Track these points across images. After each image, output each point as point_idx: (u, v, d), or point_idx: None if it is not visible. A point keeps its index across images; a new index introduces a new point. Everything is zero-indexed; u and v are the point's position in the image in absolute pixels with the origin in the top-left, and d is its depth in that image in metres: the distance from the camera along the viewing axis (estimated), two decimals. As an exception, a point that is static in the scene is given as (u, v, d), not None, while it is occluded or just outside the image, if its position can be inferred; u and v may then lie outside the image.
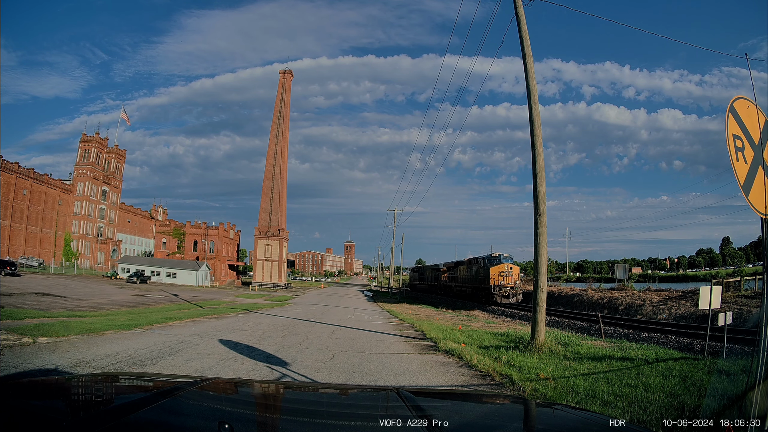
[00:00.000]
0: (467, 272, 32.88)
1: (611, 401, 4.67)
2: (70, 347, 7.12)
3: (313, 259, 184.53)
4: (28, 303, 14.41)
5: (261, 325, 13.08)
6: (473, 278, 31.08)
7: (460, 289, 34.74)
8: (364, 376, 6.54)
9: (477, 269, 30.45)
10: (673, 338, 11.36)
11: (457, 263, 37.01)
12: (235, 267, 67.95)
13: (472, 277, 31.25)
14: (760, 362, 2.73)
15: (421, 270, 57.01)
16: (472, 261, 32.19)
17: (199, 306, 19.74)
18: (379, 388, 3.34)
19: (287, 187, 68.94)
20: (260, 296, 34.69)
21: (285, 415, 1.60)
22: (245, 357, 7.39)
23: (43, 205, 54.79)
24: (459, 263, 36.29)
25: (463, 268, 34.24)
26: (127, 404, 1.39)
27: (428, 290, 47.08)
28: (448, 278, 38.66)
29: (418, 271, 58.61)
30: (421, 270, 57.01)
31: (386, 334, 12.32)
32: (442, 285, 40.35)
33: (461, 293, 34.16)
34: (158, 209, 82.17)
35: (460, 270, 34.96)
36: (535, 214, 9.35)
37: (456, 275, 36.11)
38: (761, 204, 3.16)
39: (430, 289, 46.58)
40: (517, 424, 1.66)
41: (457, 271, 35.88)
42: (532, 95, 9.70)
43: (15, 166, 51.02)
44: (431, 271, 47.71)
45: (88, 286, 30.33)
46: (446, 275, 39.52)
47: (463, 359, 7.78)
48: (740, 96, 3.31)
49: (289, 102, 70.73)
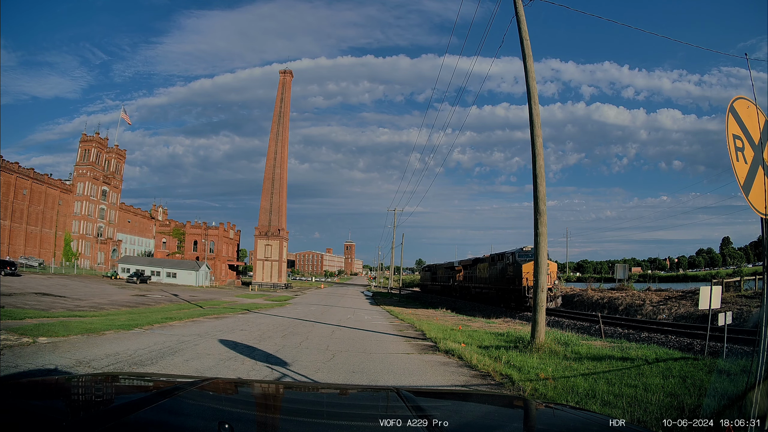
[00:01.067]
0: (489, 270, 28.28)
1: (611, 401, 4.67)
2: (70, 347, 7.12)
3: (313, 259, 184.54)
4: (28, 303, 14.41)
5: (261, 325, 13.08)
6: (498, 278, 26.32)
7: (479, 291, 30.35)
8: (364, 376, 6.54)
9: (503, 267, 25.55)
10: (673, 338, 11.37)
11: (475, 260, 32.17)
12: (235, 267, 67.94)
13: (497, 276, 26.54)
14: (760, 362, 2.73)
15: (433, 269, 50.96)
16: (497, 257, 27.28)
17: (199, 306, 19.74)
18: (379, 388, 3.34)
19: (287, 187, 69.03)
20: (260, 296, 34.69)
21: (285, 415, 1.60)
22: (245, 357, 7.39)
23: (43, 205, 54.79)
24: (478, 260, 31.44)
25: (484, 266, 29.54)
26: (127, 404, 1.39)
27: (441, 291, 42.97)
28: (465, 278, 34.37)
29: (430, 271, 52.65)
30: (433, 269, 50.96)
31: (386, 334, 12.32)
32: (457, 286, 36.56)
33: (481, 296, 29.73)
34: (158, 209, 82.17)
35: (480, 268, 30.26)
36: (535, 214, 9.35)
37: (474, 274, 31.52)
38: (761, 204, 3.16)
39: (443, 291, 42.25)
40: (517, 424, 1.66)
41: (476, 269, 31.18)
42: (532, 95, 9.69)
43: (15, 166, 51.03)
44: (444, 270, 42.65)
45: (88, 286, 30.33)
46: (462, 274, 35.36)
47: (463, 359, 7.79)
48: (740, 96, 3.31)
49: (289, 102, 70.78)
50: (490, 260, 28.73)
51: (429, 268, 55.33)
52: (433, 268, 50.84)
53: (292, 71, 72.33)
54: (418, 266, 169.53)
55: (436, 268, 48.94)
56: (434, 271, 49.20)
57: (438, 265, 48.40)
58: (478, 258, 32.15)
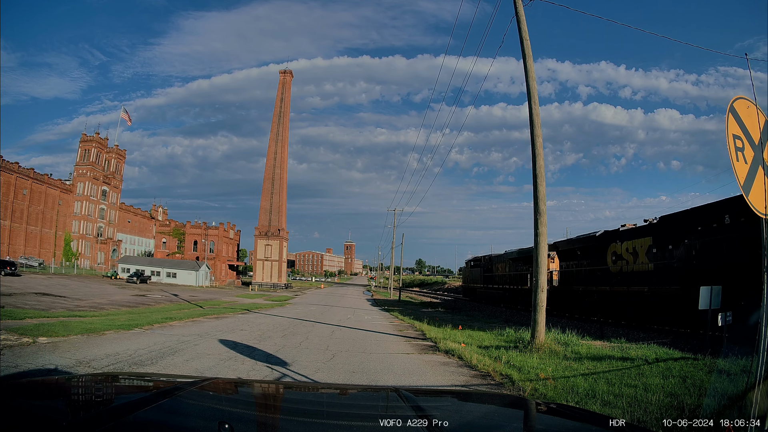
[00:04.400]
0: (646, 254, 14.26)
1: (611, 401, 4.67)
2: (70, 347, 7.11)
3: (313, 259, 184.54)
4: (28, 303, 14.41)
5: (261, 325, 13.08)
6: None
7: (628, 300, 15.04)
8: (364, 376, 6.54)
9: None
10: (673, 338, 11.36)
11: (590, 238, 18.05)
12: (235, 267, 67.94)
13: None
14: (760, 362, 2.73)
15: (487, 263, 31.06)
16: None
17: (199, 306, 19.74)
18: (379, 388, 3.34)
19: (287, 187, 69.04)
20: (260, 296, 34.68)
21: (285, 415, 1.60)
22: (245, 357, 7.39)
23: (43, 205, 54.78)
24: (603, 236, 17.07)
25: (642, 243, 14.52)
26: (127, 404, 1.39)
27: (504, 299, 26.40)
28: (568, 276, 19.69)
29: (480, 266, 32.56)
30: (487, 263, 31.06)
31: (386, 334, 12.32)
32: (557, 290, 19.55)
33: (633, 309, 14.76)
34: (158, 209, 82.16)
35: (617, 250, 15.91)
36: (535, 214, 9.34)
37: (588, 267, 17.82)
38: (761, 204, 3.16)
39: (503, 297, 26.60)
40: (516, 424, 1.66)
41: (592, 254, 17.58)
42: (532, 95, 9.69)
43: (15, 166, 51.01)
44: (514, 263, 25.55)
45: (88, 286, 30.33)
46: (559, 267, 20.31)
47: (463, 359, 7.79)
48: (740, 96, 3.31)
49: (289, 102, 70.78)
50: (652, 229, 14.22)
51: (479, 261, 33.72)
52: (489, 260, 30.90)
53: (292, 71, 72.37)
54: (418, 266, 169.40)
55: (493, 260, 30.01)
56: (490, 265, 30.25)
57: (498, 257, 29.03)
58: (593, 234, 17.85)
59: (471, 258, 37.64)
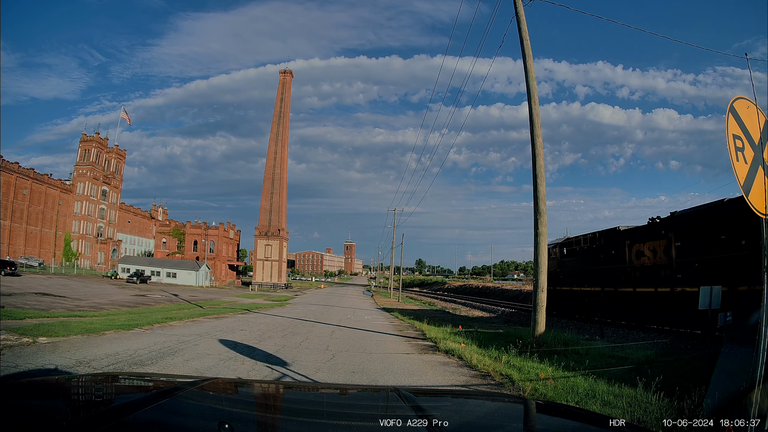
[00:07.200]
0: None
1: (611, 401, 4.67)
2: (70, 347, 7.11)
3: (313, 259, 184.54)
4: (28, 303, 14.41)
5: (261, 325, 13.08)
6: None
7: None
8: (364, 376, 6.54)
9: None
10: (673, 338, 11.37)
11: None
12: (235, 267, 67.94)
13: None
14: (760, 362, 2.73)
15: (595, 246, 17.45)
16: None
17: (199, 306, 19.73)
18: (379, 388, 3.34)
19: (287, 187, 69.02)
20: (260, 296, 34.68)
21: (285, 415, 1.60)
22: (245, 357, 7.38)
23: (43, 205, 54.79)
24: None
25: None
26: (127, 404, 1.39)
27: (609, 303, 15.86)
28: None
29: (574, 252, 19.11)
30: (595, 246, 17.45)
31: (386, 334, 12.32)
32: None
33: None
34: (158, 209, 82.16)
35: None
36: (535, 214, 9.34)
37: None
38: (761, 204, 3.16)
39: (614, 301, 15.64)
40: (516, 424, 1.66)
41: None
42: (532, 95, 9.69)
43: (15, 166, 51.02)
44: (644, 232, 14.55)
45: (88, 286, 30.33)
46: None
47: (463, 359, 7.78)
48: (740, 96, 3.31)
49: (289, 102, 70.78)
50: None
51: (570, 245, 19.84)
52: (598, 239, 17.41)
53: (291, 71, 72.38)
54: (418, 266, 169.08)
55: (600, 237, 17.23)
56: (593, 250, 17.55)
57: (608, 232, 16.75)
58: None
59: (560, 241, 20.84)
